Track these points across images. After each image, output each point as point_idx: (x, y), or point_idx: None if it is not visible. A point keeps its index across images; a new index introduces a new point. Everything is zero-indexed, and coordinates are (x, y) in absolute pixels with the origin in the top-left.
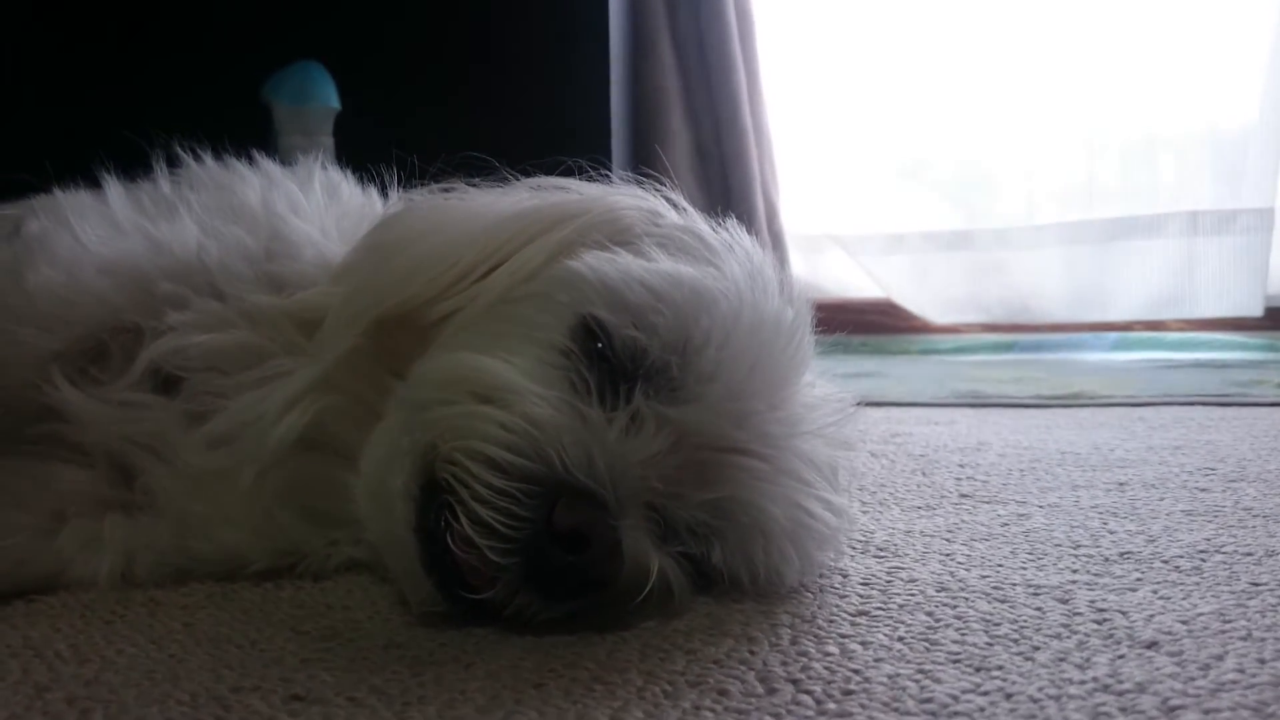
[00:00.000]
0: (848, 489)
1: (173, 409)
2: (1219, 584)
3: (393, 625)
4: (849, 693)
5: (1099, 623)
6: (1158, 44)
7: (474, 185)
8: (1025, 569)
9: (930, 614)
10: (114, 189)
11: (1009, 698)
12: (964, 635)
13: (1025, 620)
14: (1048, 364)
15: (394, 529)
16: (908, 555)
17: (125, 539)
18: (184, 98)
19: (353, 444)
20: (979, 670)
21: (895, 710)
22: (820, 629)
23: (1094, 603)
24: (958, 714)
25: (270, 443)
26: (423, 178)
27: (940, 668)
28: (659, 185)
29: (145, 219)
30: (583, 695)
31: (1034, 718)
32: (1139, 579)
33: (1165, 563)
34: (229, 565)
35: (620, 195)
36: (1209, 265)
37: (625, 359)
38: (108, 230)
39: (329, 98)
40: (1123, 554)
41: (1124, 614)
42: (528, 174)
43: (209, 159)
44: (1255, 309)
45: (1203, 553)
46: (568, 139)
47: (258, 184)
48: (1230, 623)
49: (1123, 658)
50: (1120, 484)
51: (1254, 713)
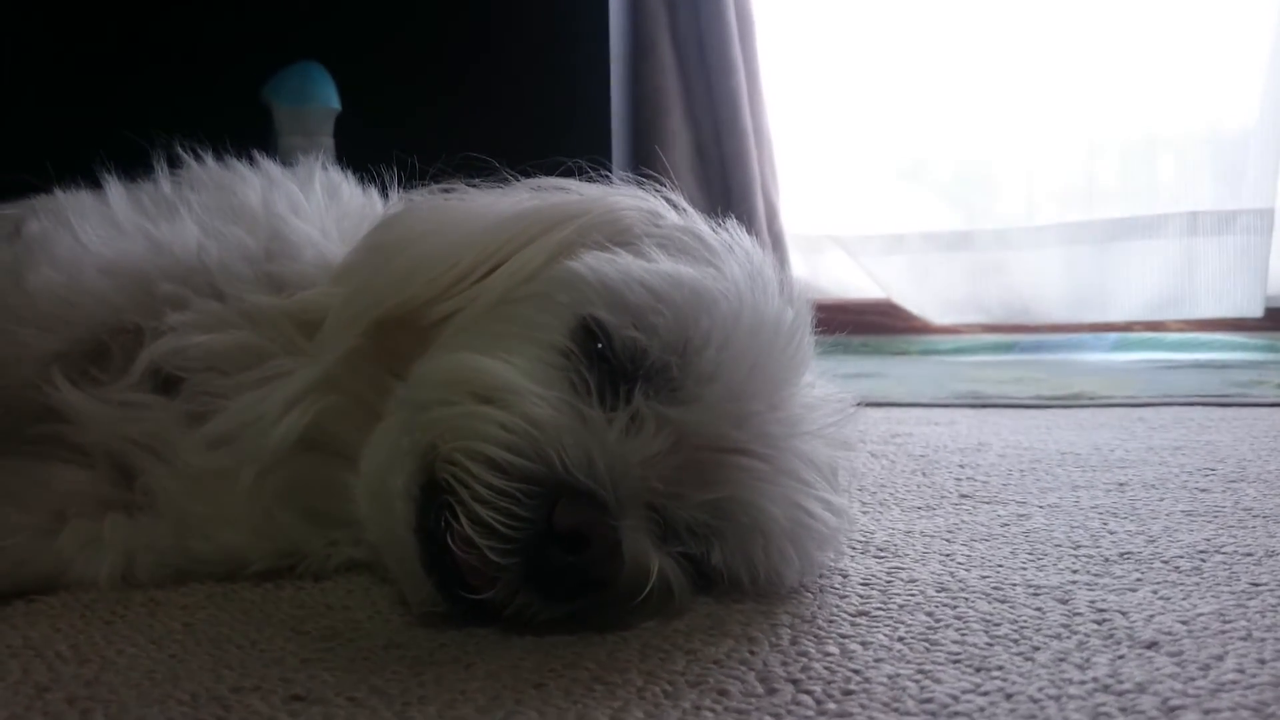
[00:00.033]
0: (848, 489)
1: (173, 409)
2: (1219, 584)
3: (393, 625)
4: (849, 693)
5: (1099, 623)
6: (1158, 44)
7: (474, 186)
8: (1025, 569)
9: (930, 614)
10: (115, 189)
11: (1009, 698)
12: (964, 635)
13: (1025, 620)
14: (1048, 364)
15: (394, 529)
16: (908, 555)
17: (125, 539)
18: (184, 98)
19: (353, 444)
20: (979, 670)
21: (895, 710)
22: (820, 629)
23: (1094, 603)
24: (958, 714)
25: (270, 443)
26: (423, 178)
27: (940, 668)
28: (659, 186)
29: (146, 219)
30: (583, 695)
31: (1034, 718)
32: (1139, 579)
33: (1165, 563)
34: (229, 565)
35: (620, 196)
36: (1209, 266)
37: (625, 359)
38: (108, 231)
39: (329, 98)
40: (1123, 554)
41: (1124, 614)
42: (528, 174)
43: (210, 159)
44: (1255, 309)
45: (1203, 553)
46: (568, 139)
47: (258, 184)
48: (1230, 623)
49: (1123, 658)
50: (1120, 484)
51: (1254, 713)
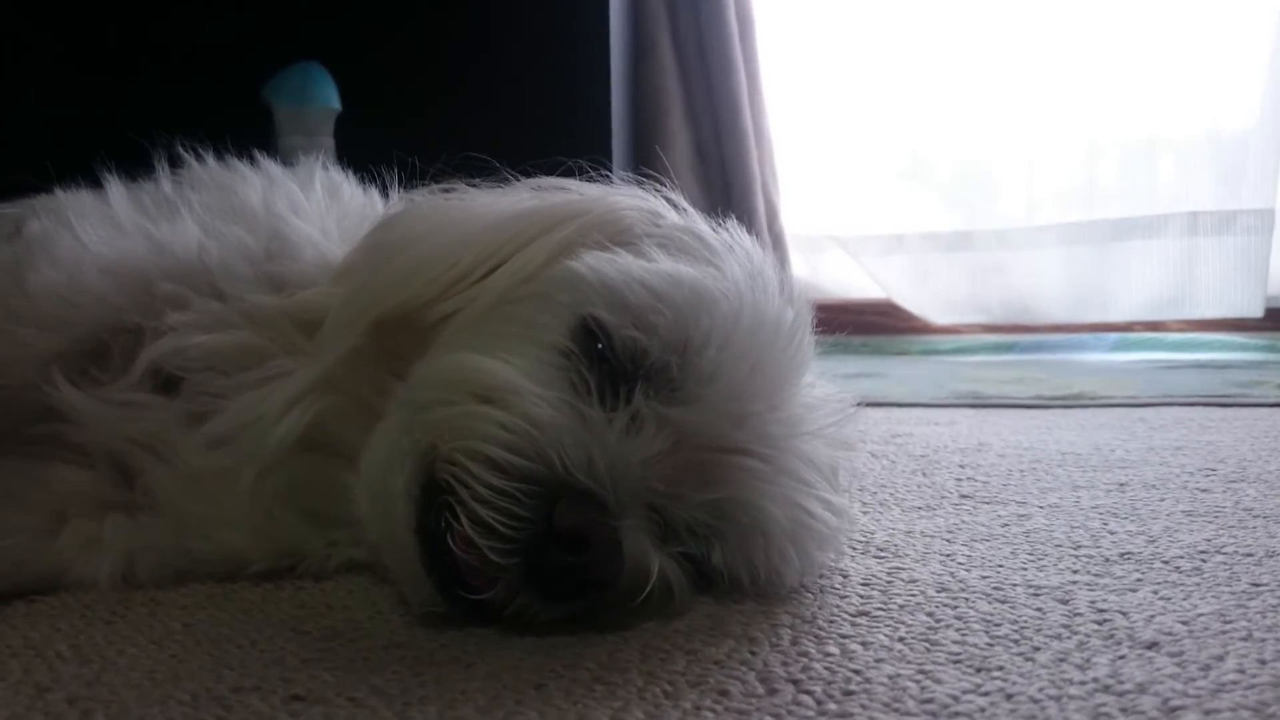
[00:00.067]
0: (848, 489)
1: (173, 409)
2: (1219, 584)
3: (393, 625)
4: (849, 693)
5: (1099, 623)
6: (1158, 45)
7: (474, 186)
8: (1026, 569)
9: (931, 614)
10: (115, 189)
11: (1009, 698)
12: (964, 636)
13: (1026, 621)
14: (1048, 365)
15: (394, 529)
16: (908, 556)
17: (126, 539)
18: (184, 98)
19: (353, 444)
20: (979, 671)
21: (896, 711)
22: (821, 629)
23: (1094, 603)
24: (958, 714)
25: (270, 443)
26: (423, 178)
27: (941, 668)
28: (659, 186)
29: (146, 219)
30: (583, 696)
31: (1034, 718)
32: (1139, 579)
33: (1166, 563)
34: (229, 566)
35: (620, 196)
36: (1209, 266)
37: (625, 359)
38: (109, 230)
39: (329, 98)
40: (1123, 554)
41: (1124, 614)
42: (528, 174)
43: (210, 159)
44: (1255, 310)
45: (1203, 553)
46: (568, 139)
47: (259, 184)
48: (1231, 623)
49: (1123, 658)
50: (1120, 484)
51: (1254, 713)
